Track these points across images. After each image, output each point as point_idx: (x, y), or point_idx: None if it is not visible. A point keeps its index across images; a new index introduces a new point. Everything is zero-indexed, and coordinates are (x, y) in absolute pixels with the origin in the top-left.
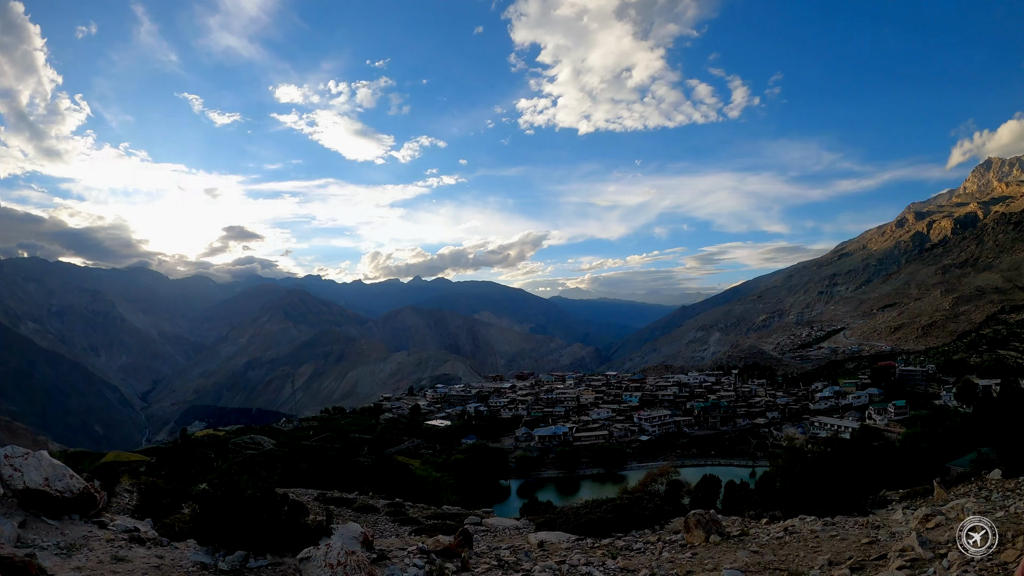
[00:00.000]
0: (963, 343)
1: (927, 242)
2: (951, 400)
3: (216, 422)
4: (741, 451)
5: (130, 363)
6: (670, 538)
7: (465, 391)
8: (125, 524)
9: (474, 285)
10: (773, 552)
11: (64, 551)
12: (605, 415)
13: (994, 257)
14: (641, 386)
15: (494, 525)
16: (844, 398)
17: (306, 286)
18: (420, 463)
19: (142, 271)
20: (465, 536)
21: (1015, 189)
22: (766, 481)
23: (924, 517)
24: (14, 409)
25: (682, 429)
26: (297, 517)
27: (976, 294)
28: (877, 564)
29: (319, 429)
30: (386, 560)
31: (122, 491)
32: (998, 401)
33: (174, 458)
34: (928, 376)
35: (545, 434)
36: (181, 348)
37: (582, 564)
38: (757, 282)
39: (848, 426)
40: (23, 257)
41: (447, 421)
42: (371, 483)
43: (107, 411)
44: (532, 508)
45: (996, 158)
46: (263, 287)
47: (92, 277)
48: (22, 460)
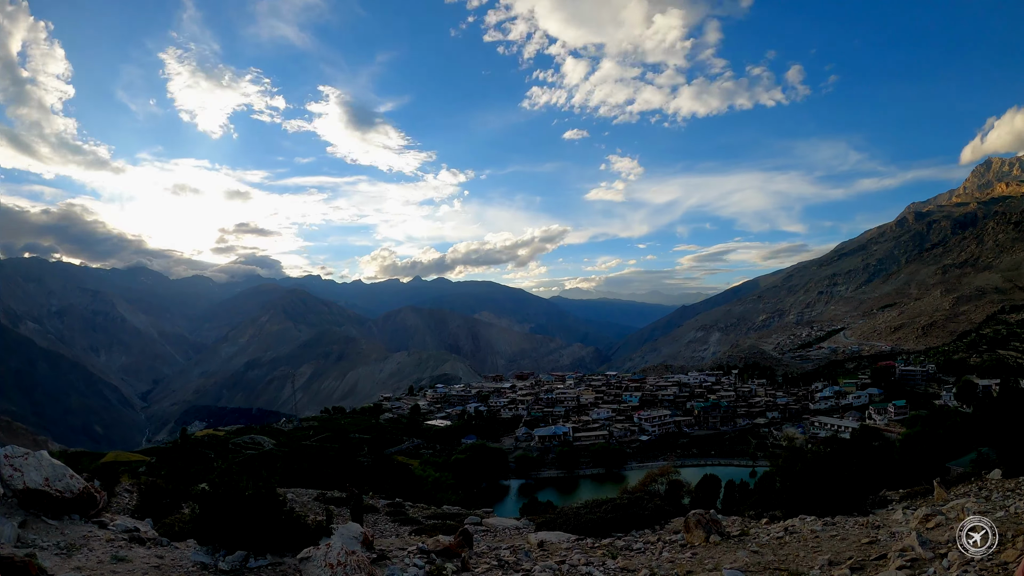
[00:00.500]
0: (963, 343)
1: (927, 242)
2: (951, 400)
3: (216, 422)
4: (741, 451)
5: (130, 363)
6: (670, 538)
7: (465, 391)
8: (125, 524)
9: (474, 285)
10: (773, 552)
11: (64, 551)
12: (605, 415)
13: (994, 257)
14: (641, 386)
15: (494, 525)
16: (844, 398)
17: (306, 286)
18: (420, 463)
19: (142, 271)
20: (465, 536)
21: (1015, 189)
22: (766, 481)
23: (924, 517)
24: (14, 409)
25: (682, 429)
26: (297, 517)
27: (976, 294)
28: (877, 564)
29: (319, 429)
30: (386, 560)
31: (122, 491)
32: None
33: (174, 458)
34: (928, 376)
35: (545, 434)
36: (181, 348)
37: (582, 564)
38: (757, 282)
39: (848, 426)
40: (23, 257)
41: (447, 421)
42: (371, 483)
43: (107, 411)
44: (532, 508)
45: (996, 158)
46: (263, 287)
47: (92, 277)
48: (22, 460)
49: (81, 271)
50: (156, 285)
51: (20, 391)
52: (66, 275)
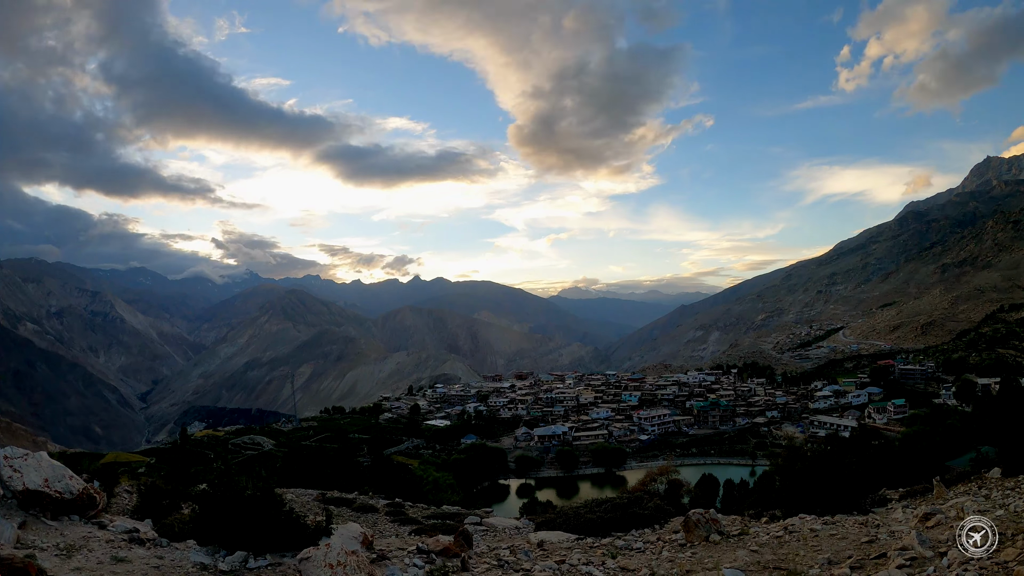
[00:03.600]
0: (962, 342)
1: (926, 241)
2: (950, 399)
3: (216, 422)
4: (741, 450)
5: (129, 364)
6: (670, 537)
7: (464, 391)
8: (125, 525)
9: (473, 285)
10: (773, 551)
11: (64, 552)
12: (604, 415)
13: (993, 256)
14: (640, 385)
15: (494, 525)
16: (843, 397)
17: (305, 286)
18: (419, 463)
19: (142, 271)
20: (465, 536)
21: (1014, 188)
22: (765, 480)
23: (924, 516)
24: (13, 410)
25: (682, 428)
26: (296, 517)
27: (975, 293)
28: (877, 563)
29: (319, 429)
30: (386, 560)
31: (122, 492)
32: (998, 399)
33: (174, 458)
34: (927, 375)
35: (545, 434)
36: (180, 348)
37: (582, 564)
38: (756, 282)
39: (847, 425)
40: (23, 258)
41: (447, 421)
42: (371, 483)
43: (106, 412)
44: (532, 508)
45: (995, 158)
46: (262, 287)
47: (91, 278)
48: (22, 461)
49: (80, 271)
50: (155, 285)
51: (19, 392)
52: (65, 276)
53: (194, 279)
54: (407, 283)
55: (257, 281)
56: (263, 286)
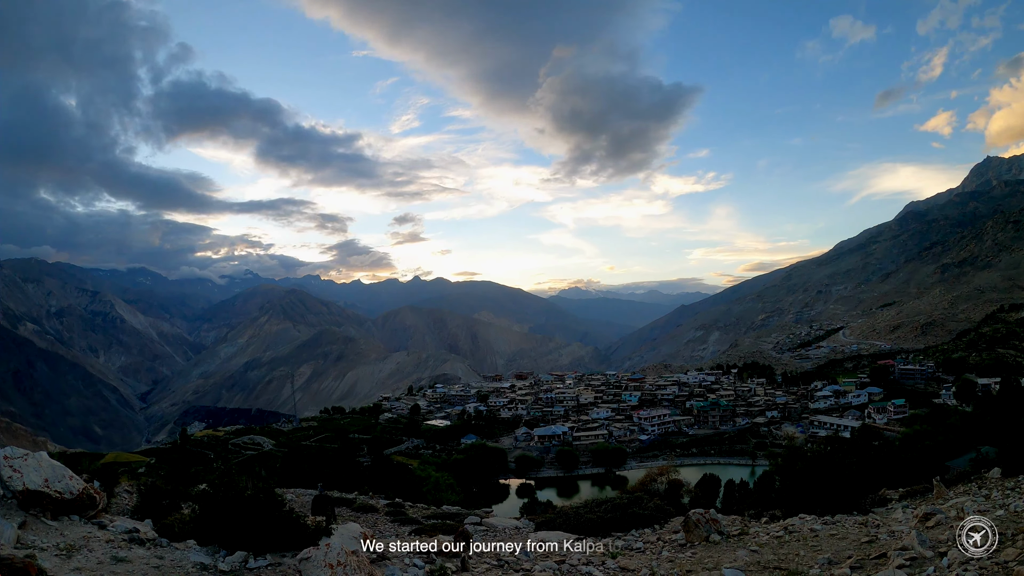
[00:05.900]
0: (962, 342)
1: (926, 241)
2: (951, 399)
3: (215, 423)
4: (741, 450)
5: (129, 364)
6: (670, 537)
7: (464, 391)
8: (125, 525)
9: (473, 285)
10: (773, 551)
11: (64, 552)
12: (604, 415)
13: (993, 256)
14: (640, 385)
15: (494, 525)
16: (843, 397)
17: (305, 286)
18: (419, 463)
19: (141, 271)
20: (465, 536)
21: (1014, 188)
22: (766, 480)
23: (924, 516)
24: (13, 410)
25: (682, 428)
26: (296, 517)
27: (975, 293)
28: (877, 563)
29: (318, 429)
30: (386, 560)
31: (122, 492)
32: (998, 399)
33: (174, 459)
34: (927, 375)
35: (544, 434)
36: (180, 348)
37: (582, 563)
38: (756, 282)
39: (848, 425)
40: (22, 258)
41: (446, 421)
42: (371, 483)
43: (106, 412)
44: (532, 508)
45: (995, 157)
46: (262, 287)
47: (91, 278)
48: (21, 461)
49: (80, 271)
50: (155, 285)
51: (19, 392)
52: (65, 276)
53: (194, 279)
54: (407, 283)
55: (257, 281)
56: (263, 286)
